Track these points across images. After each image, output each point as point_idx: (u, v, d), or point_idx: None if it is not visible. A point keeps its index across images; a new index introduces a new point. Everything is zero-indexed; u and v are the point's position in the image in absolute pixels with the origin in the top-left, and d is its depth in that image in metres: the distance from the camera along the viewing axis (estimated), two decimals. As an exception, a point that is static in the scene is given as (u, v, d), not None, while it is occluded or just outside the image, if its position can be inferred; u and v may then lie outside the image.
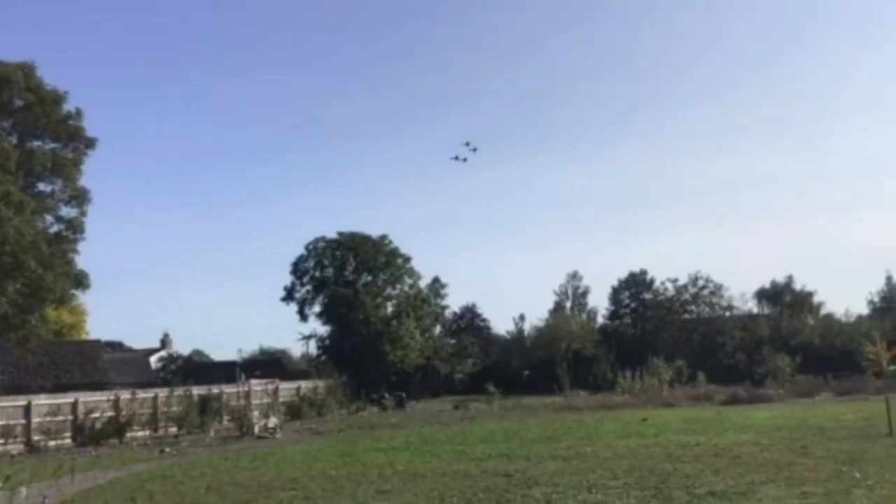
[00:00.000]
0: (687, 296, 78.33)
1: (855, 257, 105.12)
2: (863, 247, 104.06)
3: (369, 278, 68.98)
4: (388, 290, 70.03)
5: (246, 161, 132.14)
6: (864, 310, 75.01)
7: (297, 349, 77.53)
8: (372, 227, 71.72)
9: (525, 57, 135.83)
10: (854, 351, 43.72)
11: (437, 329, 76.16)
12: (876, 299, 74.54)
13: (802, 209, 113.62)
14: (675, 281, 78.52)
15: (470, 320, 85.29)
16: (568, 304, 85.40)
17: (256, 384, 43.83)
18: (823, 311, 77.86)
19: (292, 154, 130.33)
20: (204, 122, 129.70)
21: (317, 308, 68.33)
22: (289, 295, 68.49)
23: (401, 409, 51.40)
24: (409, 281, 70.50)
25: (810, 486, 14.69)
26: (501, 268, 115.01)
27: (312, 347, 71.13)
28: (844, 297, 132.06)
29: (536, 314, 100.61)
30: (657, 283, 79.52)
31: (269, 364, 67.21)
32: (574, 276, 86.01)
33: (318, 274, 68.96)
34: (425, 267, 72.23)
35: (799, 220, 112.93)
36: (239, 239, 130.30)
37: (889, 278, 73.71)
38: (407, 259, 69.95)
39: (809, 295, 78.75)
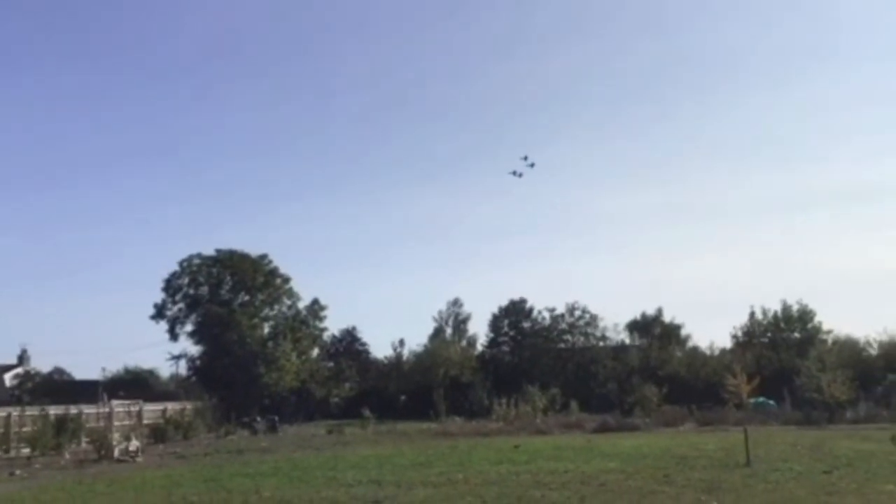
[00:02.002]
0: (563, 325, 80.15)
1: (721, 293, 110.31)
2: (729, 283, 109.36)
3: (246, 298, 67.27)
4: (266, 311, 68.50)
5: (119, 169, 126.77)
6: (727, 343, 78.63)
7: (165, 369, 74.53)
8: (252, 246, 69.88)
9: (412, 88, 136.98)
10: (717, 383, 45.63)
11: (315, 352, 74.95)
12: (739, 334, 78.21)
13: (674, 245, 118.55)
14: (552, 310, 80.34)
15: (349, 344, 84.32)
16: (448, 331, 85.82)
17: (119, 405, 41.92)
18: (690, 344, 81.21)
19: (168, 165, 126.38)
20: (77, 126, 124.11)
21: (189, 327, 66.02)
22: (159, 313, 65.89)
23: (273, 433, 50.05)
24: (287, 302, 69.20)
25: (671, 513, 14.99)
26: (383, 292, 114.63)
27: (182, 368, 68.68)
28: (710, 330, 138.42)
29: (416, 340, 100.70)
30: (535, 312, 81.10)
31: (135, 384, 64.25)
32: (455, 303, 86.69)
33: (191, 291, 66.69)
34: (305, 288, 71.19)
35: (669, 254, 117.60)
36: (109, 252, 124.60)
37: (752, 314, 77.55)
38: (286, 279, 68.70)
39: (678, 328, 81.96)
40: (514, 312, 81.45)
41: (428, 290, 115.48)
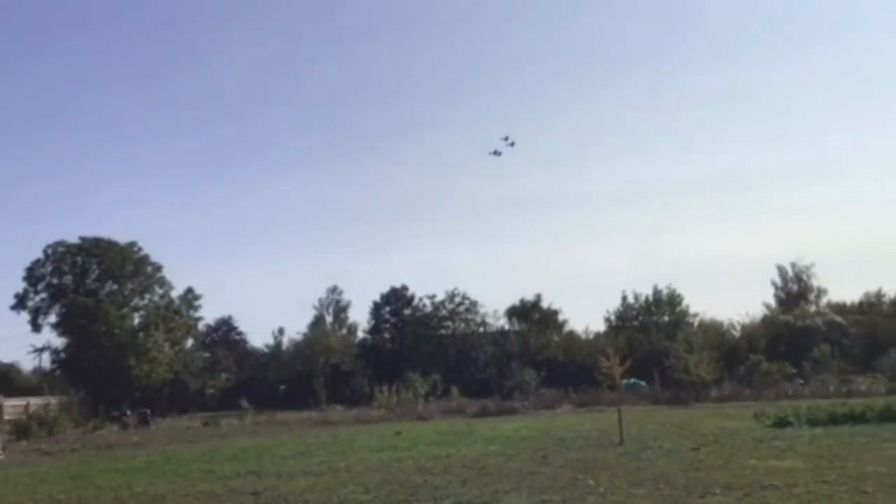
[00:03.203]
0: (444, 312, 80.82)
1: (596, 278, 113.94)
2: (603, 269, 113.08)
3: (115, 287, 64.54)
4: (136, 301, 65.96)
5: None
6: (602, 327, 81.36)
7: (28, 363, 70.79)
8: (120, 233, 67.05)
9: (295, 78, 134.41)
10: (592, 365, 47.14)
11: (189, 342, 72.83)
12: (612, 318, 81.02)
13: (552, 232, 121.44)
14: (433, 297, 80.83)
15: (225, 333, 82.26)
16: (328, 318, 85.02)
17: (-24, 401, 39.27)
18: (567, 329, 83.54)
19: (29, 145, 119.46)
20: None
21: (53, 318, 62.76)
22: (20, 303, 62.35)
23: (145, 427, 48.18)
24: (159, 291, 66.83)
25: (549, 493, 15.24)
26: (261, 279, 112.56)
27: (46, 361, 65.25)
28: (586, 314, 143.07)
29: (296, 328, 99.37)
30: (416, 299, 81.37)
31: (-6, 379, 60.59)
32: (334, 290, 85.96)
33: (55, 281, 63.44)
34: (178, 276, 69.05)
35: (547, 241, 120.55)
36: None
37: (624, 298, 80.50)
38: (158, 268, 66.29)
39: (555, 313, 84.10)
40: (396, 299, 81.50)
41: (308, 277, 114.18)
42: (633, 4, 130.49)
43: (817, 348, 57.96)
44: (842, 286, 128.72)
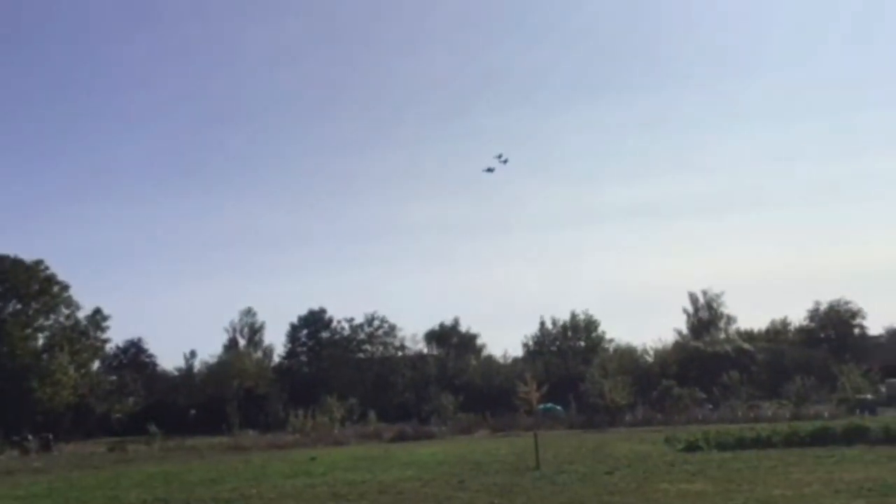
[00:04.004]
0: (363, 335, 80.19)
1: (514, 304, 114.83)
2: (521, 295, 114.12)
3: (18, 307, 61.89)
4: (41, 321, 63.36)
5: None
6: (519, 352, 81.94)
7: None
8: (26, 251, 64.45)
9: (207, 97, 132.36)
10: (510, 390, 47.41)
11: (96, 364, 70.33)
12: (530, 343, 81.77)
13: (471, 256, 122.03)
14: (351, 320, 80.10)
15: (134, 355, 79.63)
16: (242, 341, 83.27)
17: None
18: (485, 353, 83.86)
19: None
20: None
21: (-50, 338, 59.64)
22: (-86, 322, 59.12)
23: (47, 453, 46.17)
24: (65, 311, 64.45)
25: (466, 519, 15.14)
26: (172, 301, 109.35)
27: (-59, 383, 61.81)
28: (504, 339, 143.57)
29: (209, 350, 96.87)
30: (335, 322, 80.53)
31: None
32: (248, 313, 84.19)
33: (-46, 299, 60.42)
34: (86, 297, 66.71)
35: (466, 265, 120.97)
36: None
37: (542, 324, 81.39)
38: (65, 287, 63.90)
39: (474, 337, 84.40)
40: (313, 322, 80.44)
41: (221, 299, 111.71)
42: (558, 37, 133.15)
43: (726, 374, 59.55)
44: (750, 314, 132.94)
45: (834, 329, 77.55)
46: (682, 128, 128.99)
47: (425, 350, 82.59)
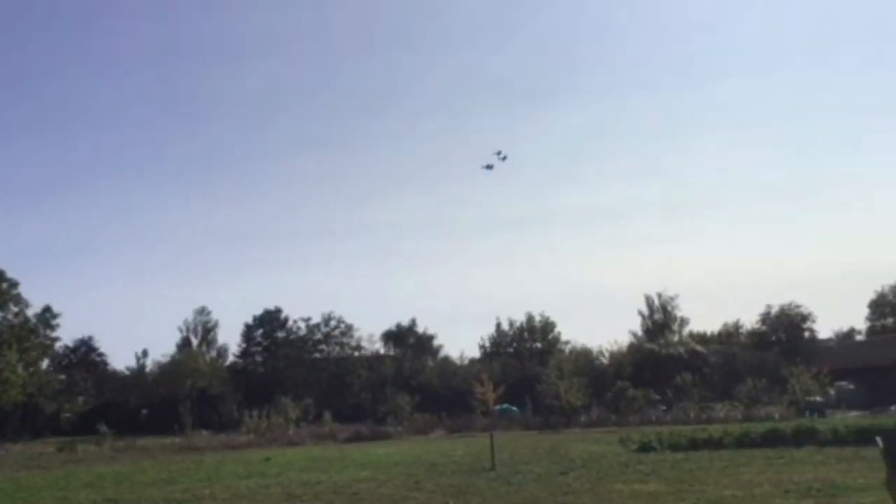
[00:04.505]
0: (319, 335, 79.68)
1: (472, 304, 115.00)
2: (479, 295, 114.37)
3: (-36, 304, 60.34)
4: (-12, 318, 61.82)
5: None
6: (476, 353, 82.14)
7: None
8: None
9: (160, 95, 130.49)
10: (466, 391, 47.60)
11: (45, 363, 68.80)
12: (487, 344, 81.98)
13: (429, 256, 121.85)
14: (308, 320, 79.53)
15: (85, 354, 78.14)
16: (195, 341, 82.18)
17: None
18: (442, 354, 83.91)
19: None
20: None
21: None
22: None
23: (-7, 453, 45.04)
24: (14, 308, 62.99)
25: (422, 520, 15.10)
26: (125, 299, 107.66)
27: None
28: (461, 340, 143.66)
29: (162, 350, 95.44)
30: (291, 322, 79.89)
31: None
32: (202, 312, 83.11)
33: None
34: (35, 294, 65.30)
35: (424, 265, 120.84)
36: None
37: (498, 325, 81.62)
38: (14, 284, 62.53)
39: (431, 338, 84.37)
40: (269, 322, 79.74)
41: (175, 298, 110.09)
42: (514, 41, 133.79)
43: (679, 376, 60.35)
44: (704, 316, 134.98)
45: (785, 332, 78.96)
46: (638, 132, 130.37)
47: (382, 350, 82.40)
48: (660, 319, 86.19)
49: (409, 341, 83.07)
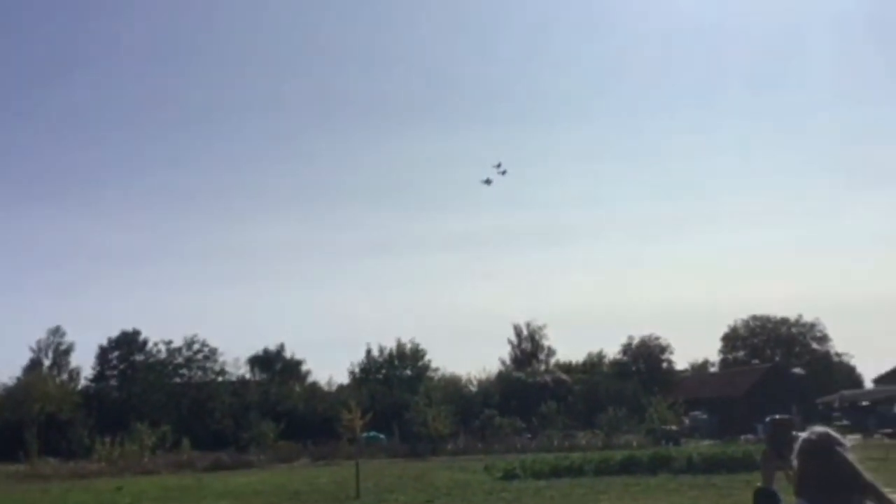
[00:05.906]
0: (180, 359, 76.65)
1: (341, 329, 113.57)
2: (349, 321, 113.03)
3: None
4: None
5: None
6: (345, 379, 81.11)
7: None
8: None
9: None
10: (333, 418, 46.82)
11: None
12: (356, 370, 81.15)
13: (298, 279, 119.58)
14: (169, 343, 76.38)
15: (-80, 375, 72.30)
16: (47, 362, 77.49)
17: None
18: (310, 379, 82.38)
19: None
20: None
21: None
22: None
23: None
24: None
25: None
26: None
27: None
28: (330, 366, 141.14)
29: (8, 371, 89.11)
30: (150, 345, 76.58)
31: None
32: (56, 332, 78.54)
33: None
34: None
35: (293, 289, 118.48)
36: None
37: (369, 351, 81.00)
38: None
39: (299, 363, 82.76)
40: (126, 344, 76.08)
41: (25, 317, 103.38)
42: (403, 66, 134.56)
43: (545, 404, 61.60)
44: (569, 346, 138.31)
45: (644, 362, 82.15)
46: (514, 163, 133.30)
47: (248, 375, 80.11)
48: (528, 348, 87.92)
49: (276, 367, 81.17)
